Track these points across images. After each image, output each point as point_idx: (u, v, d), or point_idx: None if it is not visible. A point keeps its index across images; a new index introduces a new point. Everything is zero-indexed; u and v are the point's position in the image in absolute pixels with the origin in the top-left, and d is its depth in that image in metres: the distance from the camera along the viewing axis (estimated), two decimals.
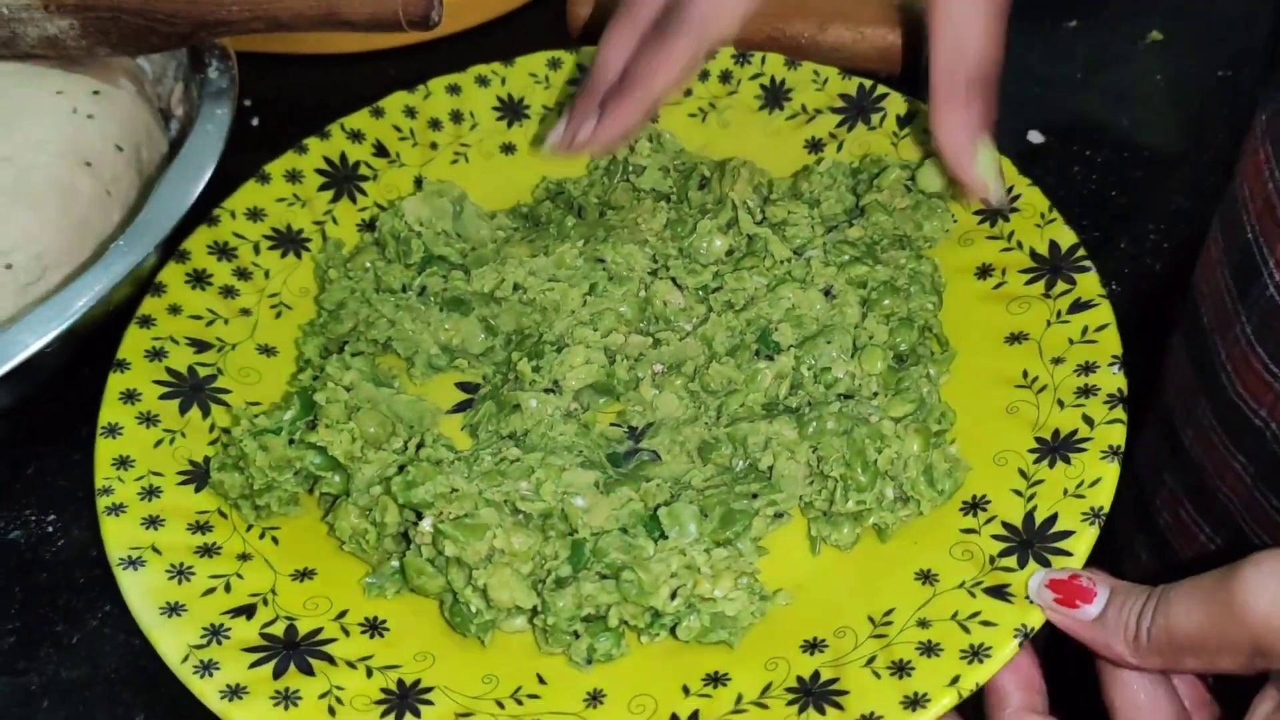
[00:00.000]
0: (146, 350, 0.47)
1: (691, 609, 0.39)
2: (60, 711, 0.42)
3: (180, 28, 0.49)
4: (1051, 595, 0.38)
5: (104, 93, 0.52)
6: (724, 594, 0.39)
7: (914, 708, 0.37)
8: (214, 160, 0.49)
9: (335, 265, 0.51)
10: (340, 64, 0.63)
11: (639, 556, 0.40)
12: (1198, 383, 0.43)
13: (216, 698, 0.38)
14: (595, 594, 0.39)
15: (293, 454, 0.43)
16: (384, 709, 0.39)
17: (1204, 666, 0.35)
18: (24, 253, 0.48)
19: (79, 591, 0.45)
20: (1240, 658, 0.34)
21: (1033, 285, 0.47)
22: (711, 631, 0.39)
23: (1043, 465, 0.42)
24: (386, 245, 0.50)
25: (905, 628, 0.39)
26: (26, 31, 0.50)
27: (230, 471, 0.43)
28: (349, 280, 0.50)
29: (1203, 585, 0.34)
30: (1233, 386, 0.41)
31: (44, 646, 0.44)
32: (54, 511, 0.47)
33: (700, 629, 0.39)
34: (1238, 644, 0.33)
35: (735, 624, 0.39)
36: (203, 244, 0.50)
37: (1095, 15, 0.63)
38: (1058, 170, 0.56)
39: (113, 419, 0.45)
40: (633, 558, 0.40)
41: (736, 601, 0.39)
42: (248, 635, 0.40)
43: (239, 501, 0.43)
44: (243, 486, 0.43)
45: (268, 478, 0.43)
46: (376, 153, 0.54)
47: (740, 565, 0.40)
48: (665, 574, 0.39)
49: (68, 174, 0.49)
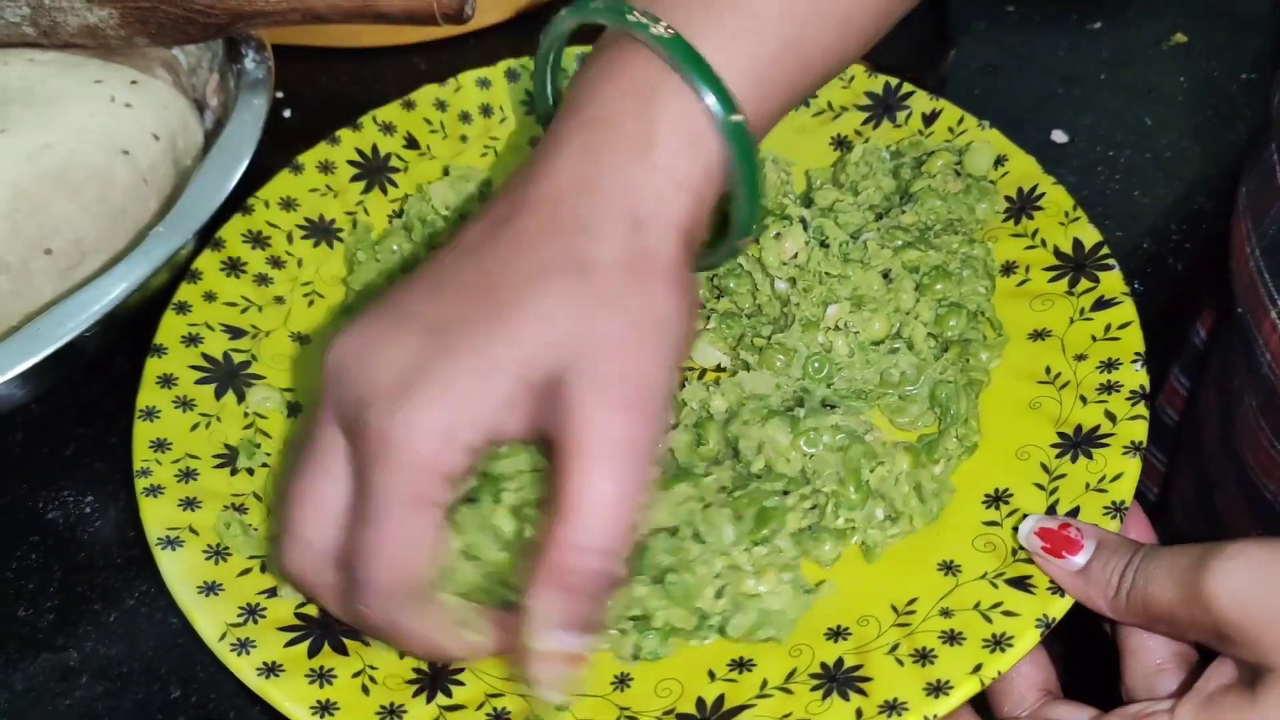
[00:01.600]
0: (183, 336, 0.48)
1: (737, 607, 0.40)
2: (98, 687, 0.43)
3: (218, 18, 0.50)
4: (1040, 543, 0.39)
5: (141, 82, 0.53)
6: (769, 589, 0.40)
7: (936, 694, 0.37)
8: (250, 150, 0.50)
9: (364, 248, 0.51)
10: (371, 57, 0.63)
11: (684, 559, 0.39)
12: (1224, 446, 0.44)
13: (254, 675, 0.39)
14: (645, 598, 0.39)
15: None
16: (416, 688, 0.39)
17: (1175, 635, 0.37)
18: (63, 239, 0.48)
19: (117, 571, 0.46)
20: (1205, 637, 0.35)
21: (1056, 283, 0.47)
22: (760, 628, 0.40)
23: (1065, 460, 0.42)
24: (413, 228, 0.51)
25: (928, 617, 0.40)
26: (67, 20, 0.51)
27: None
28: (377, 262, 0.51)
29: (1179, 564, 0.35)
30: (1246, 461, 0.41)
31: (82, 624, 0.45)
32: (92, 493, 0.48)
33: (749, 626, 0.39)
34: (1203, 626, 0.35)
35: (783, 618, 0.40)
36: (237, 232, 0.51)
37: (1119, 16, 0.63)
38: (1081, 169, 0.56)
39: (150, 402, 0.46)
40: (679, 559, 0.39)
41: (781, 595, 0.40)
42: (283, 615, 0.41)
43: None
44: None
45: None
46: (407, 145, 0.55)
47: (781, 560, 0.40)
48: (709, 575, 0.39)
49: (106, 162, 0.50)
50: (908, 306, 0.45)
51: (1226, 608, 0.34)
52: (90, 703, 0.43)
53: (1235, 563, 0.34)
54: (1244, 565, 0.34)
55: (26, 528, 0.47)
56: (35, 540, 0.47)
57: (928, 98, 0.53)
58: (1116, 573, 0.37)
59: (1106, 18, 0.63)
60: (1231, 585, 0.34)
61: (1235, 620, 0.34)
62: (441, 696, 0.39)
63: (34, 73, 0.52)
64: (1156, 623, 0.36)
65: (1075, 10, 0.63)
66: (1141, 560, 0.37)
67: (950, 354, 0.45)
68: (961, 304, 0.46)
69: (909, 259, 0.46)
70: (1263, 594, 0.33)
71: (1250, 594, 0.34)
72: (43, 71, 0.52)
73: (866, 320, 0.45)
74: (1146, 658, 0.38)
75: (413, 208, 0.51)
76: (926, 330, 0.45)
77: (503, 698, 0.39)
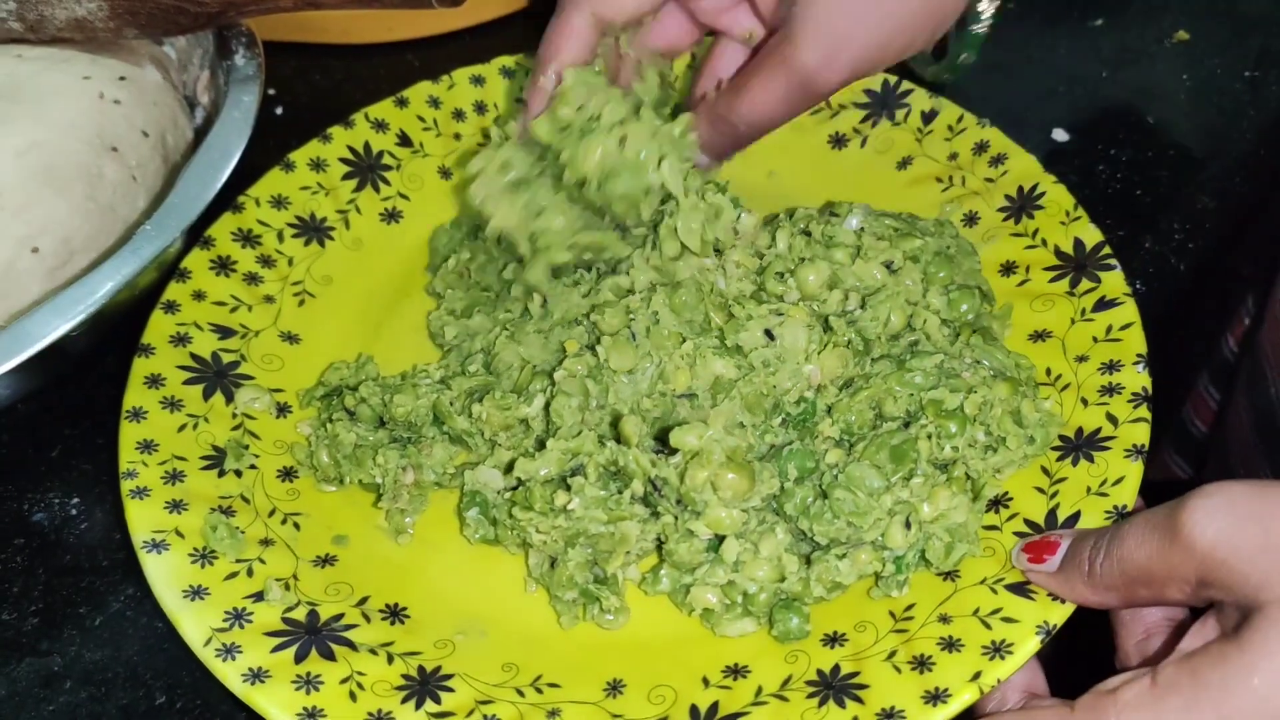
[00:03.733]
0: (171, 336, 0.47)
1: (926, 535, 0.40)
2: (82, 692, 0.43)
3: (209, 7, 0.49)
4: (1026, 557, 0.39)
5: (131, 78, 0.52)
6: (947, 505, 0.40)
7: (935, 702, 0.37)
8: (240, 147, 0.49)
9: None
10: (364, 54, 0.63)
11: (860, 508, 0.40)
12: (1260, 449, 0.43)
13: (239, 681, 0.38)
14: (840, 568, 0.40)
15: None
16: (404, 694, 0.39)
17: (1155, 597, 0.35)
18: (51, 237, 0.48)
19: (102, 574, 0.45)
20: (1186, 588, 0.34)
21: (1057, 283, 0.47)
22: (955, 547, 0.40)
23: (1065, 463, 0.42)
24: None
25: (926, 623, 0.39)
26: (55, 14, 0.51)
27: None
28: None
29: (1154, 517, 0.35)
30: None
31: (67, 628, 0.44)
32: (77, 495, 0.48)
33: (945, 547, 0.40)
34: (1184, 573, 0.34)
35: (968, 530, 0.40)
36: (227, 231, 0.51)
37: (1121, 14, 0.62)
38: (1082, 168, 0.56)
39: (137, 403, 0.45)
40: (857, 506, 0.40)
41: (960, 507, 0.40)
42: (269, 620, 0.40)
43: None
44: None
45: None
46: (400, 142, 0.54)
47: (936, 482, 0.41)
48: (882, 512, 0.40)
49: (95, 159, 0.49)
50: (916, 297, 0.45)
51: (1211, 544, 0.33)
52: (74, 708, 0.42)
53: (1216, 500, 0.33)
54: (1224, 502, 0.33)
55: (11, 530, 0.47)
56: (20, 543, 0.46)
57: (927, 96, 0.53)
58: (1088, 551, 0.36)
59: (1108, 15, 0.62)
60: (1216, 522, 0.33)
61: (1220, 556, 0.33)
62: (430, 703, 0.39)
63: (22, 69, 0.51)
64: (1135, 586, 0.35)
65: (1076, 8, 0.63)
66: (1113, 531, 0.36)
67: (963, 337, 0.44)
68: (967, 284, 0.45)
69: (910, 247, 0.46)
70: (1246, 529, 0.32)
71: (1234, 529, 0.32)
72: (31, 68, 0.52)
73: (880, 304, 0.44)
74: (1136, 625, 0.38)
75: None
76: (940, 319, 0.45)
77: (493, 704, 0.39)
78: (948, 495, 0.40)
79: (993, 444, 0.41)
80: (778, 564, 0.40)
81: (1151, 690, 0.33)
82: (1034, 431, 0.42)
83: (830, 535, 0.40)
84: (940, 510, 0.40)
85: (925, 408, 0.41)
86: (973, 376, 0.42)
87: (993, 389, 0.42)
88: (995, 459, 0.41)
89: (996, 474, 0.42)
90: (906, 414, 0.42)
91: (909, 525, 0.40)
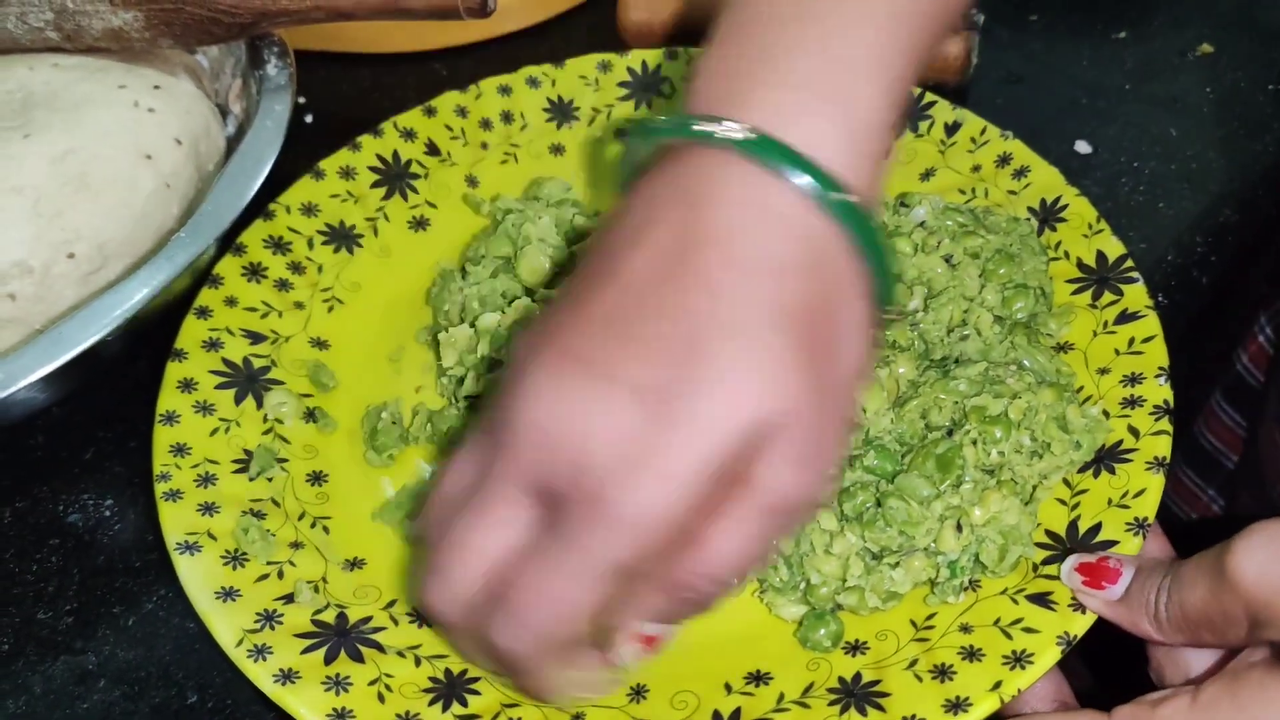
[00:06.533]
0: (203, 341, 0.48)
1: (979, 539, 0.40)
2: (115, 691, 0.43)
3: (242, 18, 0.50)
4: (1080, 579, 0.38)
5: (164, 87, 0.53)
6: (998, 509, 0.40)
7: (956, 711, 0.37)
8: (273, 155, 0.50)
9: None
10: (393, 63, 0.63)
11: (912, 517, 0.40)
12: None
13: (270, 681, 0.39)
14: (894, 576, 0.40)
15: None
16: (432, 697, 0.39)
17: (1218, 641, 0.36)
18: (86, 243, 0.49)
19: (135, 575, 0.46)
20: (1241, 630, 0.34)
21: (1079, 295, 0.47)
22: (1010, 549, 0.40)
23: (1087, 475, 0.42)
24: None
25: (947, 632, 0.39)
26: (92, 24, 0.52)
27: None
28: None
29: (1206, 559, 0.35)
30: None
31: (101, 627, 0.45)
32: (111, 496, 0.48)
33: (1000, 550, 0.40)
34: (1236, 615, 0.34)
35: (1021, 533, 0.40)
36: (258, 238, 0.51)
37: (1145, 26, 0.63)
38: (1105, 181, 0.56)
39: (171, 407, 0.46)
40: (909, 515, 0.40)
41: (1011, 510, 0.40)
42: (300, 621, 0.41)
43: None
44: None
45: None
46: (428, 151, 0.55)
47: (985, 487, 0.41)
48: (934, 520, 0.40)
49: (129, 166, 0.50)
50: (972, 293, 0.45)
51: (1253, 584, 0.33)
52: (108, 706, 0.43)
53: (1255, 539, 0.34)
54: (1263, 540, 0.33)
55: (46, 531, 0.48)
56: (55, 543, 0.47)
57: (949, 107, 0.53)
58: (1153, 591, 0.37)
59: (1132, 27, 0.63)
60: (1256, 560, 0.33)
61: (1262, 597, 0.33)
62: (457, 706, 0.39)
63: (59, 78, 0.52)
64: (1199, 630, 0.36)
65: (1100, 20, 0.63)
66: (1172, 571, 0.36)
67: (1014, 336, 0.45)
68: (1025, 283, 0.45)
69: (971, 245, 0.46)
70: None
71: (1273, 566, 0.33)
72: (67, 76, 0.53)
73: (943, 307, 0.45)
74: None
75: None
76: (993, 315, 0.45)
77: (518, 707, 0.39)
78: (998, 498, 0.40)
79: (1038, 449, 0.42)
80: (845, 563, 0.40)
81: (1192, 708, 0.33)
82: (1080, 437, 0.42)
83: (883, 544, 0.41)
84: (992, 513, 0.40)
85: (969, 414, 0.42)
86: (1017, 382, 0.42)
87: (1037, 395, 0.42)
88: (1041, 465, 0.42)
89: (1044, 479, 0.42)
90: (951, 421, 0.42)
91: (960, 529, 0.40)
